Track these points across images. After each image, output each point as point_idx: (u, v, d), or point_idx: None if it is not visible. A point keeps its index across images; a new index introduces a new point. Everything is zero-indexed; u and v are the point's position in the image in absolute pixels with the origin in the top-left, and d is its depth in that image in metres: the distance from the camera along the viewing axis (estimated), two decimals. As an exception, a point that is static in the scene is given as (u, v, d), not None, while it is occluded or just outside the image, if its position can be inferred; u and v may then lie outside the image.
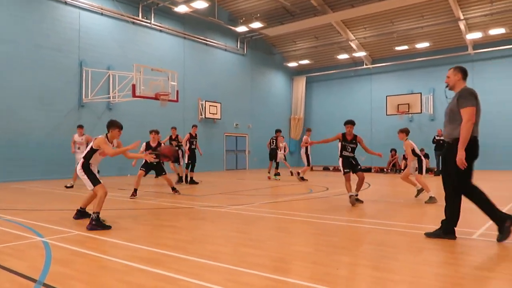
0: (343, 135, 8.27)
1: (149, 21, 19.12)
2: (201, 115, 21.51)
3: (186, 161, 13.30)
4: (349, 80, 26.73)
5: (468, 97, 4.59)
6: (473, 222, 5.81)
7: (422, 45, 22.53)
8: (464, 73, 4.89)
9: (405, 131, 8.94)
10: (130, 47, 18.41)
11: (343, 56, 25.10)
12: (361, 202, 8.32)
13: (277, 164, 15.70)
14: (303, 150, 14.84)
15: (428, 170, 19.32)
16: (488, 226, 5.40)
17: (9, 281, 3.31)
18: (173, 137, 13.50)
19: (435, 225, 5.86)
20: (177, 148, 12.81)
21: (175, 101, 16.06)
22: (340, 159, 8.31)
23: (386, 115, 23.03)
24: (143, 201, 8.67)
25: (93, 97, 16.50)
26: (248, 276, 3.44)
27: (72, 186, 11.63)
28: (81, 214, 6.34)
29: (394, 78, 24.85)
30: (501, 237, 4.60)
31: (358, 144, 8.32)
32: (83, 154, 6.17)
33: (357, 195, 8.32)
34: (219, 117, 22.38)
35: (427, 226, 5.71)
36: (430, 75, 23.36)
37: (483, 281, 3.40)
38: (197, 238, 5.03)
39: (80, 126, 12.29)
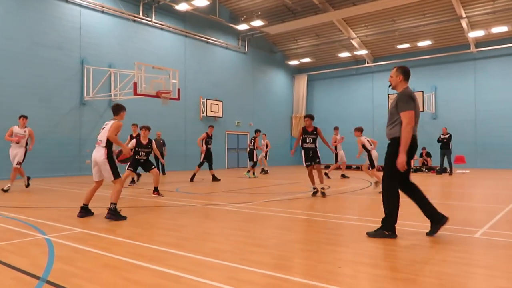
0: (304, 128, 9.06)
1: (150, 19, 19.12)
2: (203, 113, 21.52)
3: (201, 160, 13.55)
4: (351, 79, 26.70)
5: (407, 101, 4.68)
6: (476, 221, 5.81)
7: (424, 43, 22.49)
8: (405, 74, 4.97)
9: (359, 129, 10.56)
10: (131, 45, 18.42)
11: (344, 54, 25.07)
12: (325, 196, 8.85)
13: (255, 163, 15.97)
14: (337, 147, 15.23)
15: (430, 169, 19.33)
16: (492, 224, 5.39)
17: (12, 278, 3.32)
18: (134, 135, 11.62)
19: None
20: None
21: (176, 99, 16.07)
22: (302, 152, 9.03)
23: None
24: (144, 199, 8.68)
25: (94, 95, 16.52)
26: (249, 274, 3.44)
27: (8, 190, 9.83)
28: (85, 211, 6.39)
29: (396, 77, 24.77)
30: (431, 232, 4.84)
31: (318, 135, 9.04)
32: (104, 144, 6.10)
33: (323, 188, 8.94)
34: (221, 115, 22.38)
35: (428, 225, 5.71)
36: (432, 74, 23.33)
37: (489, 280, 3.40)
38: (198, 236, 5.04)
39: (24, 116, 10.41)
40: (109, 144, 6.16)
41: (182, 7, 18.32)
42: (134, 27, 18.61)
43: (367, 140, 10.46)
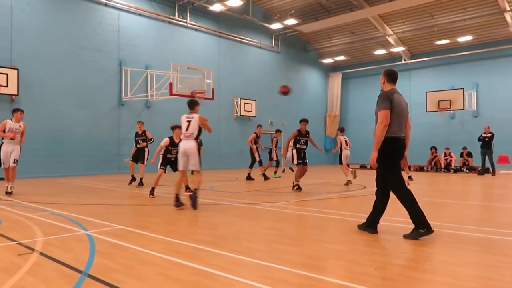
0: (299, 131, 10.22)
1: (185, 20, 19.46)
2: (236, 112, 21.68)
3: (258, 159, 13.74)
4: (387, 76, 26.05)
5: (382, 101, 4.80)
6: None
7: (465, 38, 21.64)
8: (388, 76, 5.04)
9: (340, 129, 12.61)
10: (167, 46, 18.82)
11: (380, 52, 24.54)
12: (300, 189, 10.05)
13: (277, 162, 16.03)
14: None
15: (471, 169, 18.59)
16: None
17: (56, 271, 3.49)
18: (140, 132, 11.55)
19: (476, 226, 5.66)
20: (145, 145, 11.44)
21: (210, 99, 16.29)
22: (295, 150, 10.27)
23: (426, 112, 22.31)
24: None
25: (132, 96, 17.02)
26: (283, 273, 3.45)
27: (12, 192, 8.99)
28: (178, 200, 7.01)
29: (434, 74, 24.01)
30: (410, 235, 4.73)
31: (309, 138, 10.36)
32: (195, 136, 6.97)
33: (298, 181, 10.20)
34: (254, 115, 22.46)
35: (469, 227, 5.51)
36: (474, 70, 22.42)
37: (530, 286, 3.25)
38: (233, 234, 5.09)
39: (21, 111, 9.13)
40: (197, 136, 7.04)
41: (216, 7, 18.53)
42: (169, 29, 19.01)
43: (345, 140, 12.17)
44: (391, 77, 5.04)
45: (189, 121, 7.13)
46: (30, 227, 5.44)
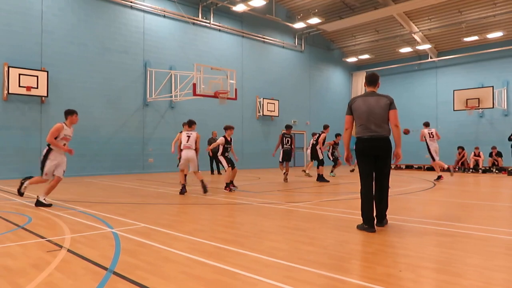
0: (283, 133, 12.75)
1: (208, 21, 19.62)
2: (259, 112, 21.70)
3: (321, 158, 13.72)
4: (413, 75, 25.56)
5: (347, 108, 5.38)
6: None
7: (495, 35, 20.92)
8: (366, 80, 5.49)
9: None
10: (191, 47, 19.02)
11: (406, 50, 24.05)
12: (286, 181, 12.56)
13: (334, 160, 15.67)
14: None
15: (501, 170, 18.00)
16: None
17: (83, 268, 3.57)
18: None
19: (506, 228, 5.47)
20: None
21: (233, 99, 16.36)
22: (282, 150, 12.68)
23: (454, 110, 21.72)
24: (202, 196, 8.93)
25: (156, 96, 17.29)
26: (306, 274, 3.42)
27: (50, 205, 7.27)
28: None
29: (462, 71, 23.35)
30: (362, 226, 5.22)
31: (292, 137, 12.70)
32: (193, 147, 9.09)
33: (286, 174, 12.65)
34: (277, 114, 22.42)
35: (500, 229, 5.33)
36: (504, 67, 21.69)
37: None
38: (255, 233, 5.09)
39: (76, 113, 7.44)
40: (196, 147, 9.42)
41: (239, 8, 18.60)
42: (193, 30, 19.20)
43: (429, 133, 13.11)
44: (367, 80, 5.46)
45: (188, 136, 9.35)
46: (59, 224, 5.60)
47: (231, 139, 10.14)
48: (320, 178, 13.06)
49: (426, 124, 13.46)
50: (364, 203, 5.17)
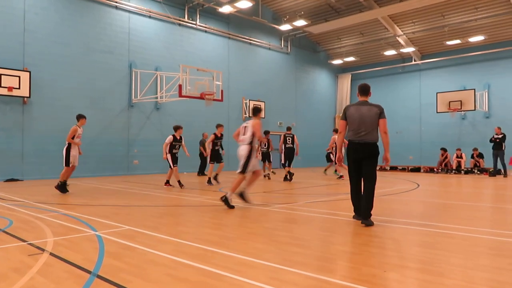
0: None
1: (194, 22, 19.55)
2: (245, 113, 21.70)
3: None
4: (397, 77, 25.91)
5: (342, 114, 5.95)
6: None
7: (476, 38, 21.36)
8: (358, 90, 6.02)
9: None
10: (177, 48, 18.91)
11: (390, 52, 24.36)
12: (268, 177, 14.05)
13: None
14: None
15: (483, 171, 18.35)
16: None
17: (66, 271, 3.51)
18: (219, 135, 12.38)
19: (488, 228, 5.58)
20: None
21: (219, 100, 16.32)
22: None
23: (437, 112, 22.08)
24: (188, 198, 8.88)
25: (141, 97, 17.13)
26: (291, 275, 3.42)
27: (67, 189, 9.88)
28: (242, 196, 7.72)
29: (445, 74, 23.76)
30: (356, 216, 6.03)
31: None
32: (247, 141, 7.67)
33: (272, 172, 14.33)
34: (263, 116, 22.39)
35: (482, 230, 5.43)
36: (485, 70, 22.14)
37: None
38: (241, 235, 5.08)
39: (85, 117, 10.22)
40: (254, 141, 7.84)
41: (225, 9, 18.58)
42: (179, 31, 19.10)
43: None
44: (360, 90, 6.00)
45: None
46: (41, 227, 5.49)
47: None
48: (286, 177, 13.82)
49: (336, 131, 13.53)
50: (353, 197, 5.99)
